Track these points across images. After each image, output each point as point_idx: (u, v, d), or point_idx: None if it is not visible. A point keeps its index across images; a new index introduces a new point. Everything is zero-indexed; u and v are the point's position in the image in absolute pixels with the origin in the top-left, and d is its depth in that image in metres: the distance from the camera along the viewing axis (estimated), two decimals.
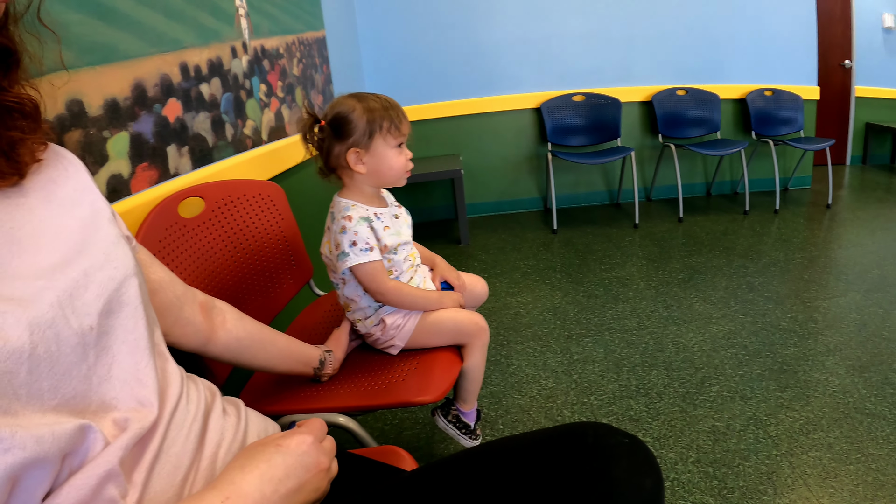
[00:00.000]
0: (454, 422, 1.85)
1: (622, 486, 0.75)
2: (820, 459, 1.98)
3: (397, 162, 1.59)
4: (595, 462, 0.78)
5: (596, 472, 0.77)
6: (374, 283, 1.57)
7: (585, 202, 5.74)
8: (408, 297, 1.62)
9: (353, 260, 1.53)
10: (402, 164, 1.61)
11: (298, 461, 0.79)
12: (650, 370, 2.62)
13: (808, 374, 2.50)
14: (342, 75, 4.05)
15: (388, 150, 1.57)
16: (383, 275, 1.57)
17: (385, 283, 1.58)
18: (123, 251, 0.79)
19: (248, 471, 0.74)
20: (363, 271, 1.56)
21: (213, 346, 1.15)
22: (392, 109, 1.56)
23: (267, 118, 2.46)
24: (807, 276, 3.59)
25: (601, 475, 0.76)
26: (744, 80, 5.42)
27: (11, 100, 0.73)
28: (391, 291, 1.58)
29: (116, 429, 0.68)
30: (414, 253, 1.75)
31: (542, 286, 3.74)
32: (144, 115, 1.56)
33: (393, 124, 1.55)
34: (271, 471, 0.75)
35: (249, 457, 0.78)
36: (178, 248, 1.45)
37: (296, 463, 0.79)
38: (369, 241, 1.54)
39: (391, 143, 1.57)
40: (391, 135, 1.56)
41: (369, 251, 1.54)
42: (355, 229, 1.54)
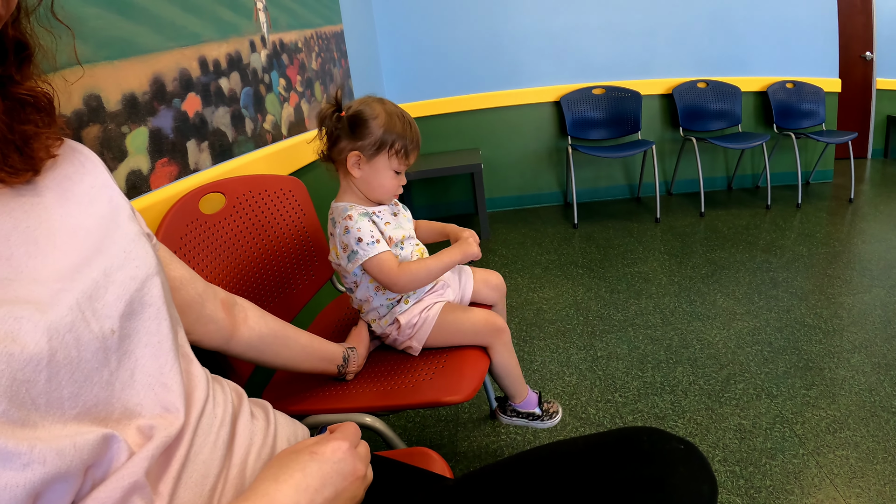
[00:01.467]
0: (515, 414, 1.84)
1: (680, 494, 0.73)
2: (847, 459, 1.95)
3: (390, 184, 1.60)
4: (651, 469, 0.76)
5: (653, 479, 0.74)
6: (386, 274, 1.54)
7: (606, 196, 5.70)
8: (422, 272, 1.57)
9: (363, 255, 1.51)
10: (394, 187, 1.61)
11: (334, 469, 0.76)
12: (675, 367, 2.60)
13: (833, 372, 2.46)
14: (360, 69, 4.04)
15: (387, 171, 1.57)
16: (392, 265, 1.54)
17: (392, 271, 1.54)
18: (144, 249, 0.76)
19: (281, 481, 0.71)
20: (374, 265, 1.53)
21: (235, 344, 1.14)
22: (410, 136, 1.56)
23: (286, 113, 2.45)
24: (830, 272, 3.54)
25: (659, 483, 0.74)
26: (765, 72, 5.36)
27: (24, 93, 0.70)
28: (404, 275, 1.54)
29: (141, 437, 0.66)
30: (421, 248, 1.73)
31: (563, 281, 3.72)
32: (163, 109, 1.54)
33: (404, 150, 1.55)
34: (306, 480, 0.72)
35: (282, 466, 0.74)
36: (199, 244, 1.44)
37: (332, 471, 0.75)
38: (374, 234, 1.53)
39: (393, 166, 1.57)
40: (397, 158, 1.56)
41: (376, 243, 1.52)
42: (358, 226, 1.52)
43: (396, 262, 1.55)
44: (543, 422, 1.85)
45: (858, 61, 6.61)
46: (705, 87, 5.24)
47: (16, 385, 0.53)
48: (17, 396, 0.53)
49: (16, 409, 0.53)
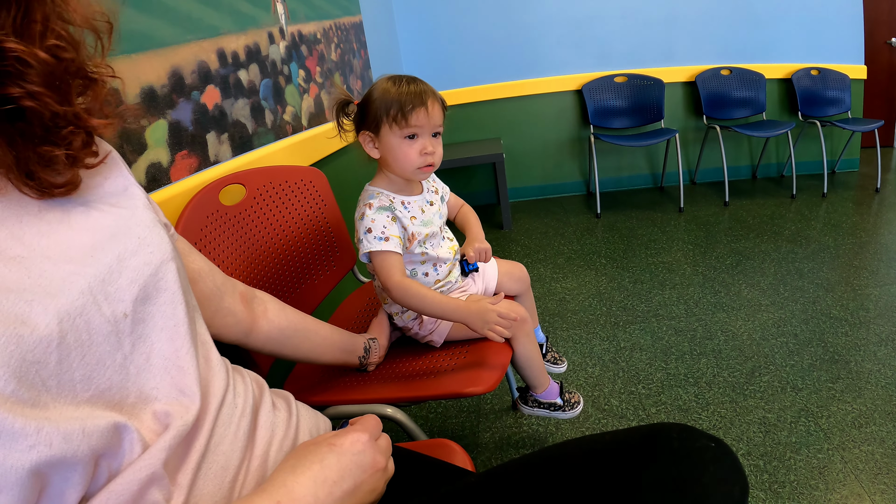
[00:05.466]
0: (537, 405, 1.82)
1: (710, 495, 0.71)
2: (872, 454, 1.93)
3: (404, 154, 1.48)
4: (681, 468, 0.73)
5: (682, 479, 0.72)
6: (381, 276, 1.48)
7: (629, 186, 5.67)
8: (415, 299, 1.45)
9: (366, 247, 1.47)
10: (412, 157, 1.48)
11: (353, 461, 0.76)
12: (699, 358, 2.58)
13: (860, 365, 2.43)
14: (380, 60, 4.04)
15: (393, 140, 1.47)
16: (393, 269, 1.47)
17: (396, 277, 1.46)
18: (159, 236, 0.76)
19: (299, 472, 0.71)
20: (376, 261, 1.49)
21: (254, 337, 1.14)
22: (408, 97, 1.44)
23: (306, 104, 2.45)
24: (857, 263, 3.50)
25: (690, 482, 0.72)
26: (789, 58, 5.29)
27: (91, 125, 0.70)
28: (395, 287, 1.45)
29: (157, 424, 0.66)
30: (454, 246, 1.69)
31: (586, 271, 3.70)
32: (182, 102, 1.54)
33: (400, 112, 1.43)
34: (325, 472, 0.72)
35: (301, 457, 0.75)
36: (220, 235, 1.43)
37: (351, 463, 0.75)
38: (385, 231, 1.47)
39: (397, 133, 1.46)
40: (396, 123, 1.45)
41: (384, 241, 1.46)
42: (372, 217, 1.48)
43: (398, 269, 1.48)
44: (565, 412, 1.82)
45: (884, 47, 6.49)
46: (729, 75, 5.18)
47: (25, 366, 0.54)
48: (27, 377, 0.54)
49: (26, 390, 0.53)
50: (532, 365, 1.70)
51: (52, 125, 0.64)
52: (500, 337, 1.40)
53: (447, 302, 1.46)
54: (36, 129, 0.63)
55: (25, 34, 0.60)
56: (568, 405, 1.82)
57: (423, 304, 1.45)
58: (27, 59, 0.59)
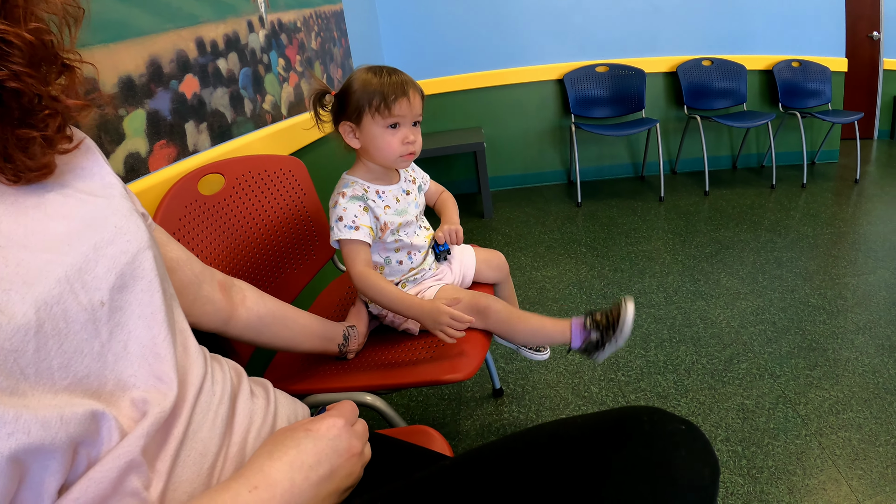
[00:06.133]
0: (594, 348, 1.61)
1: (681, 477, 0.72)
2: (849, 440, 1.96)
3: (387, 143, 1.49)
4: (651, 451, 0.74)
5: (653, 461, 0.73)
6: (350, 264, 1.49)
7: (609, 175, 5.68)
8: (373, 290, 1.47)
9: (335, 234, 1.48)
10: (395, 146, 1.49)
11: (329, 446, 0.76)
12: (678, 346, 2.59)
13: (837, 353, 2.46)
14: (361, 48, 4.02)
15: (375, 129, 1.48)
16: (357, 258, 1.49)
17: (359, 267, 1.48)
18: (136, 225, 0.76)
19: (276, 457, 0.72)
20: (343, 247, 1.50)
21: (233, 325, 1.14)
22: (390, 87, 1.45)
23: (286, 93, 2.44)
24: (835, 252, 3.53)
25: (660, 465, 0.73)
26: (770, 50, 5.31)
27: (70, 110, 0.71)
28: (356, 277, 1.48)
29: (135, 411, 0.66)
30: (430, 234, 1.69)
31: (566, 260, 3.71)
32: (161, 91, 1.53)
33: (383, 103, 1.44)
34: (301, 457, 0.73)
35: (278, 442, 0.75)
36: (198, 225, 1.43)
37: (327, 448, 0.76)
38: (356, 220, 1.48)
39: (380, 123, 1.47)
40: (379, 114, 1.45)
41: (353, 229, 1.47)
42: (345, 206, 1.49)
43: (362, 259, 1.49)
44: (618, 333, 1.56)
45: (865, 41, 6.54)
46: (710, 66, 5.20)
47: (3, 354, 0.54)
48: (5, 365, 0.54)
49: (4, 378, 0.54)
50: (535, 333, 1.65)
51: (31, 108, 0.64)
52: (451, 338, 1.40)
53: (403, 298, 1.47)
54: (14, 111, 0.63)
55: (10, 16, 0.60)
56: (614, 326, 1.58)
57: (380, 297, 1.47)
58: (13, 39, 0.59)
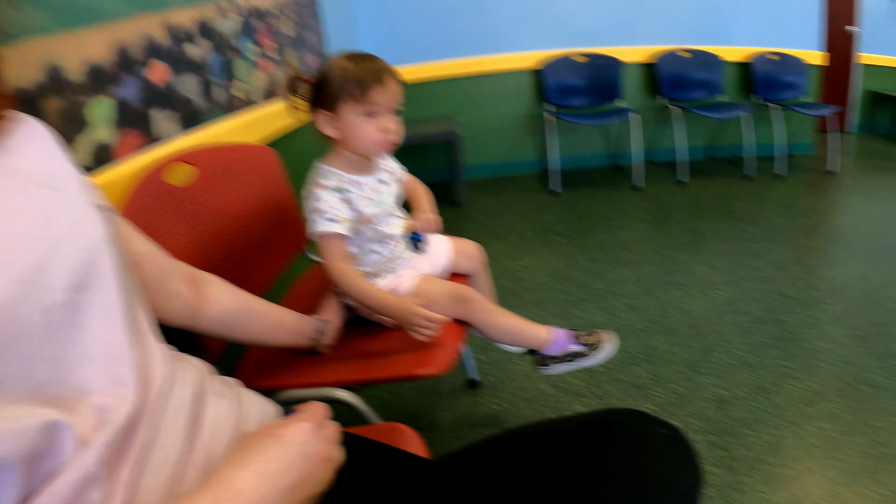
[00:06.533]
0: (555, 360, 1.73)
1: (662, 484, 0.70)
2: (825, 430, 1.96)
3: (365, 132, 1.45)
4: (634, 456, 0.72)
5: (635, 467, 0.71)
6: (327, 258, 1.47)
7: (586, 164, 5.66)
8: (349, 286, 1.47)
9: (313, 226, 1.45)
10: (373, 135, 1.45)
11: (297, 452, 0.73)
12: (654, 336, 2.59)
13: (813, 344, 2.46)
14: (337, 35, 3.97)
15: (353, 118, 1.43)
16: (335, 252, 1.47)
17: (336, 261, 1.46)
18: (95, 220, 0.72)
19: (241, 467, 0.68)
20: (320, 241, 1.47)
21: (202, 320, 1.11)
22: (367, 74, 1.40)
23: (259, 80, 2.39)
24: (810, 243, 3.55)
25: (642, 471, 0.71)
26: (748, 42, 5.32)
27: None
28: (335, 272, 1.46)
29: (95, 419, 0.63)
30: (405, 224, 1.67)
31: (542, 249, 3.70)
32: (128, 78, 1.49)
33: (360, 90, 1.40)
34: (267, 465, 0.69)
35: (243, 450, 0.71)
36: (166, 217, 1.38)
37: (295, 454, 0.72)
38: (334, 212, 1.45)
39: (357, 111, 1.43)
40: (356, 101, 1.41)
41: (332, 222, 1.44)
42: (323, 197, 1.46)
43: (340, 253, 1.48)
44: (590, 357, 1.72)
45: (842, 35, 6.56)
46: (688, 56, 5.20)
47: None
48: None
49: None
50: (508, 334, 1.68)
51: None
52: (423, 337, 1.41)
53: (378, 295, 1.47)
54: None
55: None
56: (592, 348, 1.73)
57: (355, 293, 1.47)
58: None
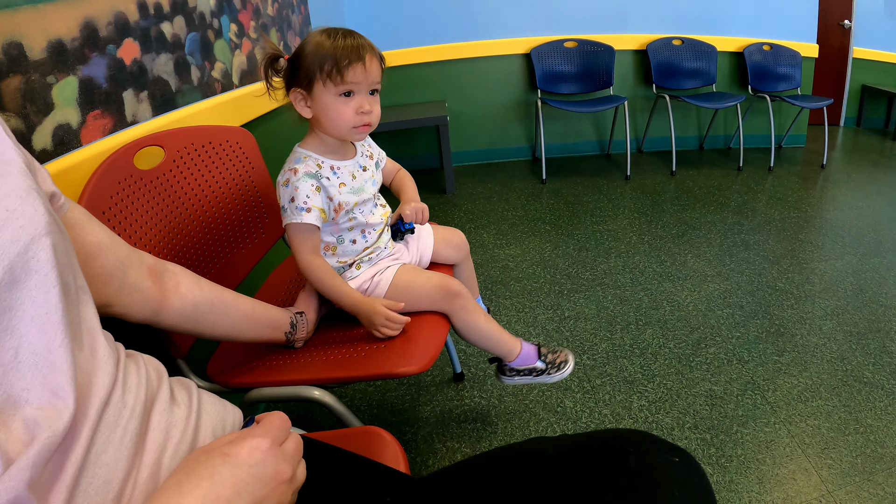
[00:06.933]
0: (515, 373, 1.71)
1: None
2: (819, 428, 1.92)
3: (339, 113, 1.37)
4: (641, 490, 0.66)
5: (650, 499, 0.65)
6: (296, 249, 1.42)
7: (575, 152, 5.62)
8: (317, 281, 1.43)
9: (287, 217, 1.39)
10: (347, 116, 1.38)
11: (251, 473, 0.64)
12: (644, 329, 2.54)
13: (805, 339, 2.42)
14: (321, 16, 3.88)
15: (327, 97, 1.36)
16: (304, 244, 1.41)
17: (305, 254, 1.41)
18: (34, 207, 0.64)
19: (186, 491, 0.59)
20: (292, 232, 1.40)
21: (166, 315, 1.03)
22: (343, 51, 1.33)
23: (238, 61, 2.31)
24: (802, 237, 3.51)
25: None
26: (741, 32, 5.30)
27: None
28: (304, 265, 1.42)
29: (25, 435, 0.55)
30: (387, 213, 1.61)
31: (530, 238, 3.65)
32: (96, 57, 1.40)
33: (335, 68, 1.32)
34: (216, 489, 0.60)
35: (190, 471, 0.62)
36: (133, 203, 1.30)
37: (248, 476, 0.63)
38: (308, 202, 1.38)
39: (332, 91, 1.35)
40: (331, 80, 1.33)
41: (305, 212, 1.38)
42: (297, 184, 1.39)
43: (310, 245, 1.42)
44: (551, 375, 1.70)
45: (836, 29, 6.55)
46: (680, 45, 5.15)
47: None
48: None
49: None
50: (484, 337, 1.62)
51: None
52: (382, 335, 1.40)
53: (346, 292, 1.44)
54: None
55: None
56: (553, 367, 1.71)
57: (322, 287, 1.44)
58: None
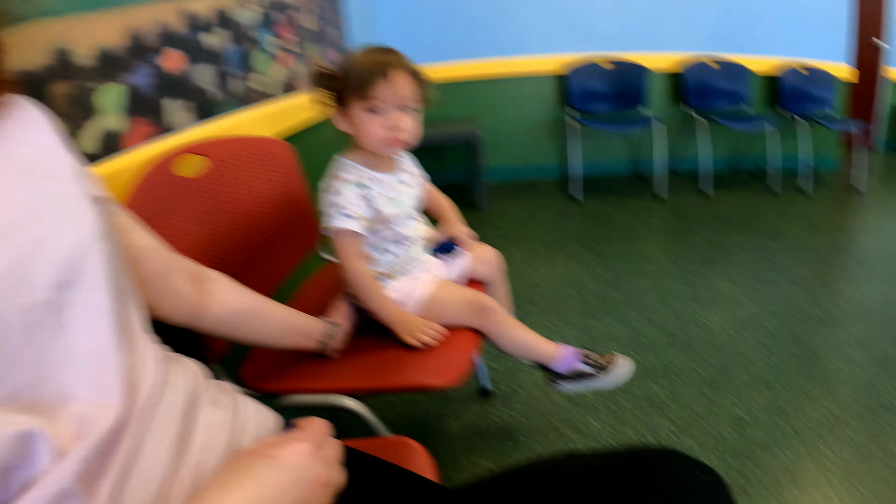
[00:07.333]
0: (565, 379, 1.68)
1: None
2: (843, 456, 1.90)
3: (369, 128, 1.42)
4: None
5: None
6: (341, 255, 1.46)
7: (607, 172, 5.61)
8: (363, 291, 1.48)
9: (329, 221, 1.43)
10: (377, 132, 1.42)
11: (293, 476, 0.67)
12: (672, 351, 2.54)
13: (833, 365, 2.40)
14: (359, 31, 3.94)
15: (357, 113, 1.42)
16: (351, 251, 1.45)
17: (350, 260, 1.45)
18: (88, 212, 0.68)
19: (230, 490, 0.63)
20: (336, 237, 1.45)
21: (204, 320, 1.07)
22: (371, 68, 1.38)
23: (277, 72, 2.36)
24: (833, 262, 3.49)
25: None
26: (775, 52, 5.24)
27: None
28: (351, 272, 1.46)
29: (75, 429, 0.58)
30: (423, 226, 1.66)
31: (560, 257, 3.65)
32: (141, 66, 1.46)
33: (362, 85, 1.37)
34: (259, 490, 0.63)
35: (234, 471, 0.66)
36: (174, 210, 1.35)
37: (290, 479, 0.66)
38: (352, 208, 1.43)
39: (360, 106, 1.40)
40: (359, 96, 1.39)
41: (349, 218, 1.42)
42: (342, 191, 1.43)
43: (356, 252, 1.46)
44: (603, 378, 1.67)
45: (869, 49, 6.48)
46: (714, 65, 5.13)
47: None
48: None
49: None
50: (520, 348, 1.63)
51: None
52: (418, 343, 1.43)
53: (386, 304, 1.49)
54: None
55: None
56: (600, 369, 1.67)
57: (364, 293, 1.48)
58: None
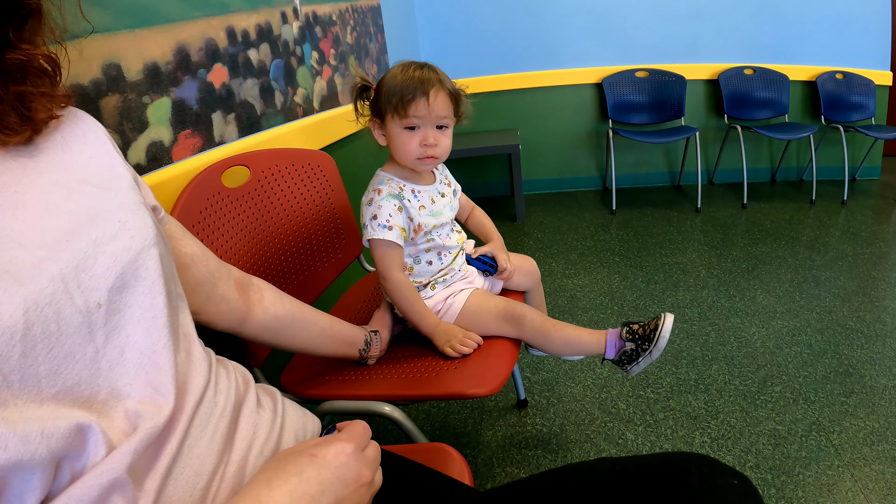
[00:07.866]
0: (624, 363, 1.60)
1: None
2: (883, 474, 1.88)
3: (403, 145, 1.47)
4: None
5: None
6: (381, 266, 1.49)
7: (645, 183, 5.59)
8: (403, 301, 1.50)
9: (369, 233, 1.46)
10: (411, 149, 1.46)
11: (336, 474, 0.69)
12: (710, 364, 2.52)
13: (874, 380, 2.37)
14: (397, 45, 3.98)
15: (394, 129, 1.47)
16: (392, 262, 1.48)
17: (390, 270, 1.48)
18: (143, 219, 0.71)
19: (275, 486, 0.65)
20: (375, 248, 1.48)
21: (249, 326, 1.10)
22: (408, 86, 1.41)
23: (319, 86, 2.40)
24: (875, 274, 3.43)
25: None
26: (814, 61, 5.18)
27: (21, 57, 0.65)
28: (391, 282, 1.48)
29: (127, 424, 0.61)
30: (462, 237, 1.67)
31: (599, 268, 3.65)
32: (188, 80, 1.50)
33: (400, 103, 1.41)
34: (303, 486, 0.66)
35: (279, 468, 0.69)
36: (220, 219, 1.39)
37: (332, 477, 0.69)
38: (390, 220, 1.46)
39: (398, 123, 1.45)
40: (396, 114, 1.43)
41: (387, 229, 1.45)
42: (380, 203, 1.47)
43: (397, 262, 1.49)
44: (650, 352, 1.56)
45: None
46: (752, 74, 5.09)
47: None
48: None
49: None
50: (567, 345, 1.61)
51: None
52: (456, 353, 1.45)
53: (425, 314, 1.51)
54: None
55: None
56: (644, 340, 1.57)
57: (406, 306, 1.50)
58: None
